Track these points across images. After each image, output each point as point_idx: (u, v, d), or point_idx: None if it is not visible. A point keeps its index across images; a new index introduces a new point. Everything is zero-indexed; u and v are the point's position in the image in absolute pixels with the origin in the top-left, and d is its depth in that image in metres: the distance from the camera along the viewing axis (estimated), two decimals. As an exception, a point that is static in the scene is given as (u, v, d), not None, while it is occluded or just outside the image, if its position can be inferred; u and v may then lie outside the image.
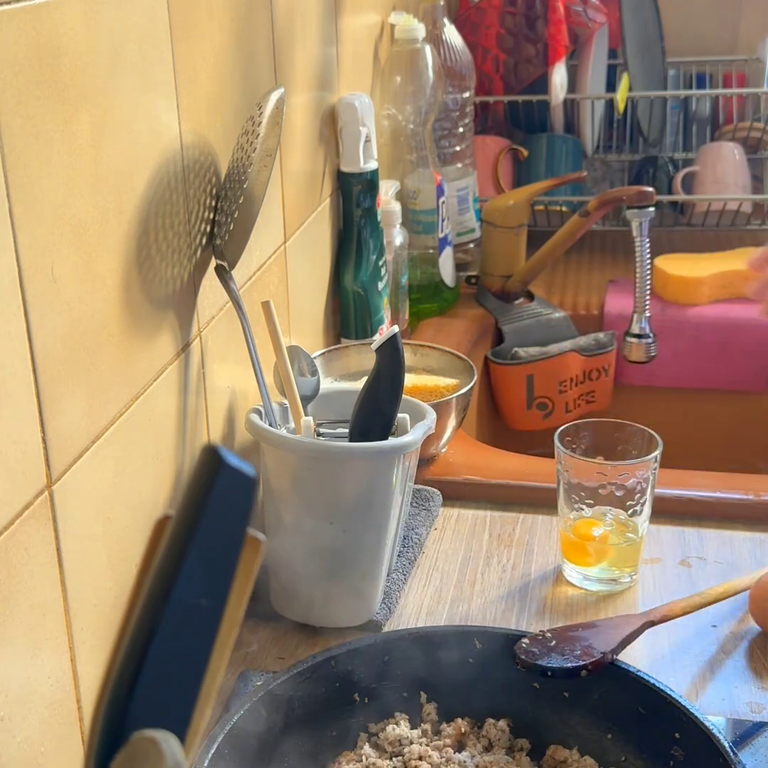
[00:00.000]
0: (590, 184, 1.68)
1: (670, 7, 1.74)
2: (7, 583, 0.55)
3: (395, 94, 1.30)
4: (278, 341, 0.84)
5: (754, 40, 1.76)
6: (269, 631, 0.84)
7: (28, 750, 0.58)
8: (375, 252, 1.16)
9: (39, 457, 0.58)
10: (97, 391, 0.64)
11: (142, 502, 0.71)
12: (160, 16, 0.70)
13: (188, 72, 0.75)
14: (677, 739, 0.67)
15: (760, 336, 1.45)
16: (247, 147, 0.77)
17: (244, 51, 0.86)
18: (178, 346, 0.76)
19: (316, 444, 0.82)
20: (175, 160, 0.73)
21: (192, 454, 0.78)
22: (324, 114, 1.09)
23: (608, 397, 1.48)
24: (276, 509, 0.83)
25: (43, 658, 0.59)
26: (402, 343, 0.82)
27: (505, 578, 0.91)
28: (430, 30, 1.35)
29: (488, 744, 0.72)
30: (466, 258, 1.51)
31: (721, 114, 1.72)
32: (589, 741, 0.71)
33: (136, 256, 0.68)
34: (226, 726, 0.66)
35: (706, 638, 0.83)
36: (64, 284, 0.59)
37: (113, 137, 0.64)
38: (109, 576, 0.66)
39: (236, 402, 0.88)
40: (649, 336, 1.30)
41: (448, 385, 1.05)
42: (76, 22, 0.59)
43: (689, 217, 1.62)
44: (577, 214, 1.35)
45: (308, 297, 1.09)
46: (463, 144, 1.46)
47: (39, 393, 0.57)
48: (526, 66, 1.55)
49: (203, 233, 0.79)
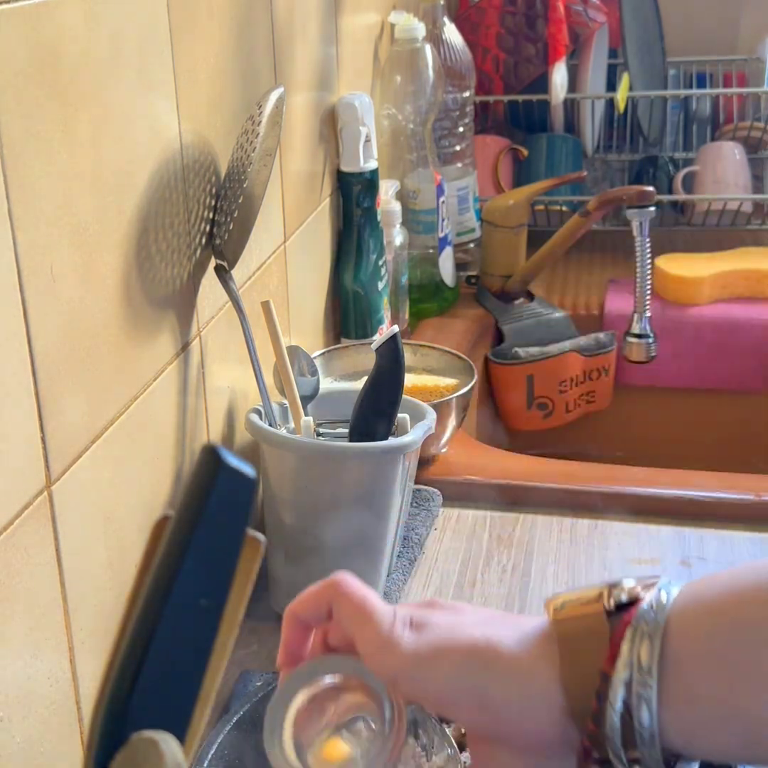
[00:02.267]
0: (590, 183, 1.68)
1: (671, 6, 1.74)
2: (7, 584, 0.55)
3: (395, 94, 1.29)
4: (278, 341, 0.84)
5: (755, 40, 1.76)
6: (269, 631, 0.84)
7: (27, 750, 0.58)
8: (375, 252, 1.16)
9: (38, 457, 0.58)
10: (96, 390, 0.64)
11: (141, 503, 0.71)
12: (159, 16, 0.70)
13: (188, 71, 0.75)
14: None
15: (760, 336, 1.45)
16: (247, 146, 0.77)
17: (244, 50, 0.86)
18: (178, 346, 0.76)
19: (316, 444, 0.82)
20: (175, 160, 0.73)
21: (192, 454, 0.78)
22: (324, 113, 1.09)
23: (608, 397, 1.48)
24: (276, 509, 0.83)
25: (42, 658, 0.59)
26: (402, 343, 0.82)
27: (505, 578, 0.91)
28: (430, 29, 1.35)
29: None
30: (466, 258, 1.51)
31: (721, 114, 1.71)
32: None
33: (136, 255, 0.68)
34: (226, 727, 0.66)
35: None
36: (63, 284, 0.59)
37: (113, 137, 0.64)
38: (109, 576, 0.66)
39: (236, 402, 0.88)
40: (649, 336, 1.30)
41: (448, 385, 1.05)
42: (76, 21, 0.59)
43: (689, 217, 1.62)
44: (578, 213, 1.35)
45: (308, 297, 1.09)
46: (463, 143, 1.46)
47: (38, 393, 0.57)
48: (526, 65, 1.55)
49: (203, 233, 0.79)
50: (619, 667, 0.42)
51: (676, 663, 0.41)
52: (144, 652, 0.37)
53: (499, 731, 0.45)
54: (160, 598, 0.37)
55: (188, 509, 0.36)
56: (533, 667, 0.44)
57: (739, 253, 1.52)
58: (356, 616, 0.47)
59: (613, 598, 0.44)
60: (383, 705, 0.47)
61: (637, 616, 0.42)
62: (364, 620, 0.47)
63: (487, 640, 0.45)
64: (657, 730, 0.41)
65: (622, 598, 0.44)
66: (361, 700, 0.48)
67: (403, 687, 0.46)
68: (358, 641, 0.47)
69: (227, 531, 0.37)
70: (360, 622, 0.47)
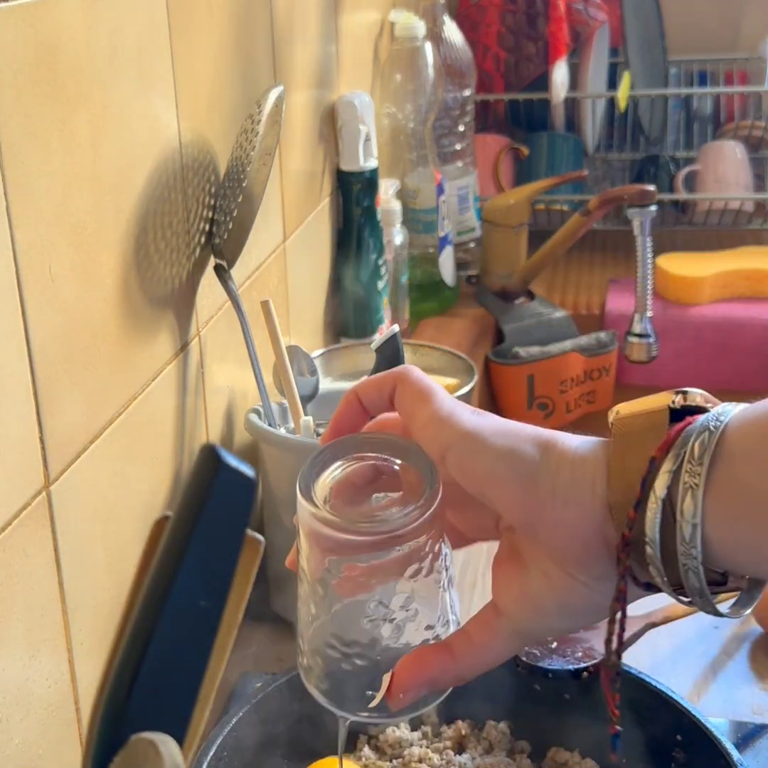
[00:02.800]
0: (591, 182, 1.68)
1: (672, 5, 1.74)
2: (5, 584, 0.55)
3: (395, 93, 1.29)
4: (277, 341, 0.84)
5: (756, 39, 1.76)
6: (269, 632, 0.84)
7: (26, 752, 0.57)
8: (375, 251, 1.16)
9: (37, 458, 0.57)
10: (95, 390, 0.63)
11: (140, 503, 0.70)
12: (158, 14, 0.70)
13: (187, 70, 0.74)
14: (678, 741, 0.67)
15: (761, 335, 1.44)
16: (246, 145, 0.77)
17: (244, 49, 0.86)
18: (177, 346, 0.75)
19: (316, 444, 0.81)
20: (174, 159, 0.73)
21: (191, 454, 0.78)
22: (324, 112, 1.09)
23: (609, 397, 1.48)
24: (275, 509, 0.82)
25: (41, 659, 0.59)
26: (402, 342, 0.81)
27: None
28: (430, 28, 1.35)
29: (489, 746, 0.72)
30: (466, 257, 1.51)
31: (722, 112, 1.71)
32: (590, 743, 0.71)
33: (135, 255, 0.68)
34: (225, 728, 0.65)
35: (707, 640, 0.83)
36: (62, 283, 0.59)
37: (112, 135, 0.64)
38: (108, 577, 0.66)
39: (235, 402, 0.88)
40: (650, 336, 1.30)
41: (449, 385, 1.04)
42: (75, 19, 0.59)
43: (691, 216, 1.61)
44: (578, 213, 1.35)
45: (308, 296, 1.09)
46: (464, 142, 1.46)
47: (36, 393, 0.57)
48: (526, 64, 1.54)
49: (202, 232, 0.78)
50: (670, 457, 0.40)
51: (729, 457, 0.40)
52: (143, 653, 0.37)
53: (540, 520, 0.43)
54: (159, 598, 0.36)
55: (187, 509, 0.36)
56: (586, 456, 0.43)
57: (741, 253, 1.51)
58: (419, 395, 0.45)
59: (679, 402, 0.43)
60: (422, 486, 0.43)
61: (701, 418, 0.41)
62: (425, 399, 0.45)
63: (552, 435, 0.44)
64: (700, 523, 0.39)
65: (690, 403, 0.43)
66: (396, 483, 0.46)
67: (452, 461, 0.44)
68: (416, 416, 0.45)
69: (227, 531, 0.37)
70: (421, 400, 0.45)
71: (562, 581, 0.43)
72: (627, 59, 1.57)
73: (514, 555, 0.45)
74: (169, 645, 0.37)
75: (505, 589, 0.46)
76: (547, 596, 0.44)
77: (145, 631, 0.37)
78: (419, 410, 0.45)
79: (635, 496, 0.41)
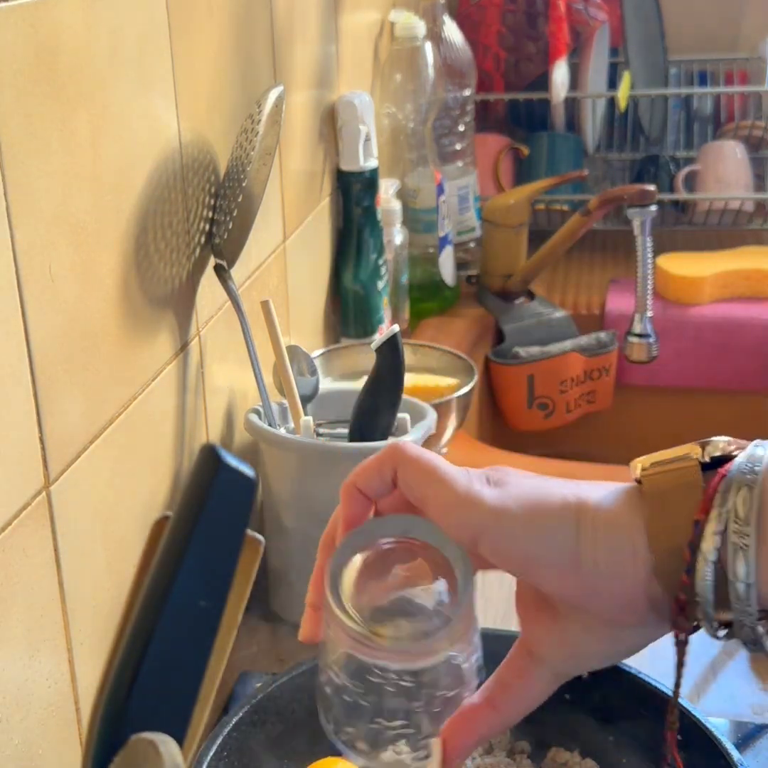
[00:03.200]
0: (591, 182, 1.68)
1: (672, 5, 1.74)
2: (5, 584, 0.55)
3: (395, 92, 1.29)
4: (277, 341, 0.84)
5: (756, 39, 1.75)
6: (269, 632, 0.84)
7: (26, 752, 0.57)
8: (375, 251, 1.16)
9: (36, 458, 0.57)
10: (95, 390, 0.63)
11: (140, 503, 0.70)
12: (158, 14, 0.70)
13: (187, 70, 0.74)
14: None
15: (761, 335, 1.44)
16: (246, 145, 0.77)
17: (244, 49, 0.86)
18: (177, 346, 0.75)
19: (316, 444, 0.81)
20: (174, 159, 0.73)
21: (191, 454, 0.78)
22: (324, 112, 1.09)
23: (609, 397, 1.48)
24: (275, 510, 0.82)
25: (41, 659, 0.59)
26: (402, 342, 0.81)
27: (506, 579, 0.91)
28: (430, 28, 1.35)
29: (489, 746, 0.72)
30: (466, 257, 1.51)
31: (722, 112, 1.71)
32: (590, 743, 0.71)
33: (135, 255, 0.68)
34: (225, 728, 0.65)
35: (708, 639, 0.82)
36: (61, 283, 0.59)
37: (112, 135, 0.64)
38: (108, 577, 0.66)
39: (235, 402, 0.88)
40: (650, 336, 1.30)
41: (449, 385, 1.05)
42: (75, 19, 0.59)
43: (691, 216, 1.61)
44: (578, 212, 1.34)
45: (308, 296, 1.09)
46: (464, 142, 1.46)
47: (36, 393, 0.57)
48: (526, 64, 1.54)
49: (202, 232, 0.78)
50: (713, 517, 0.40)
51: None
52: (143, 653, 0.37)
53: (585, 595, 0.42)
54: (159, 598, 0.36)
55: (187, 509, 0.36)
56: (621, 520, 0.42)
57: (741, 253, 1.51)
58: (427, 476, 0.43)
59: (707, 453, 0.42)
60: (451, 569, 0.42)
61: (733, 469, 0.41)
62: (436, 479, 0.43)
63: (578, 498, 0.43)
64: (755, 581, 0.39)
65: (716, 453, 0.42)
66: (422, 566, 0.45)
67: (485, 545, 0.43)
68: (431, 501, 0.43)
69: (226, 531, 0.37)
70: (432, 482, 0.43)
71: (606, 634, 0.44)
72: (627, 59, 1.57)
73: (545, 605, 0.45)
74: (169, 645, 0.37)
75: (543, 637, 0.46)
76: (592, 647, 0.45)
77: (145, 631, 0.37)
78: (433, 494, 0.43)
79: (683, 560, 0.41)
